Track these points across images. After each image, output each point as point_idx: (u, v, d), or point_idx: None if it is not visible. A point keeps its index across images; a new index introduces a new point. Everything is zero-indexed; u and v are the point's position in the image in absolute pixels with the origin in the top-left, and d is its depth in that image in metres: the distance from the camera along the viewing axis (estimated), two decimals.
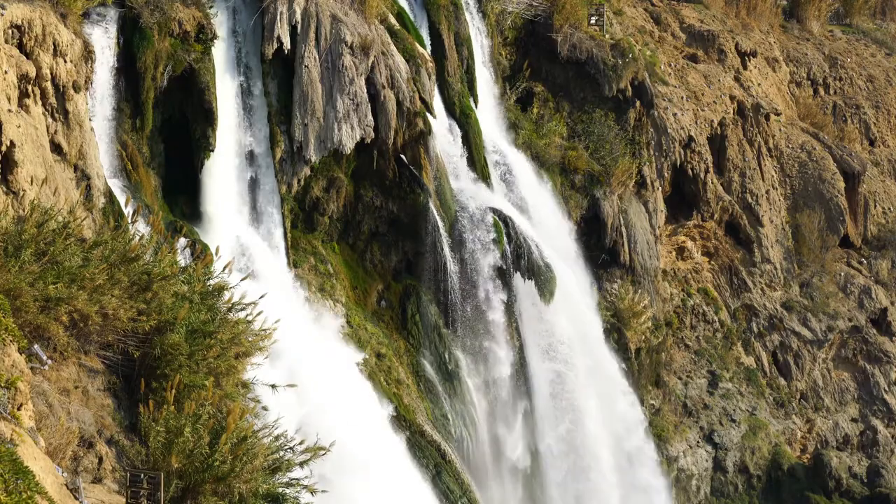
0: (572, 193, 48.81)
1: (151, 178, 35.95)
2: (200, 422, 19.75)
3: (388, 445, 36.71)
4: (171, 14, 35.56)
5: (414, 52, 41.73)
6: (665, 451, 50.84)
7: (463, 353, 42.41)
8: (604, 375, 46.97)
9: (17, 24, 28.69)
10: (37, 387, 19.37)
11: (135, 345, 21.75)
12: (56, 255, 20.69)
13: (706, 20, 61.96)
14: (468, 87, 45.72)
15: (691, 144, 54.40)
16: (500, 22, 49.83)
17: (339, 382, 35.46)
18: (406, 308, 41.81)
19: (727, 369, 54.86)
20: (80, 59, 31.20)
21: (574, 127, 50.59)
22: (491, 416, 43.17)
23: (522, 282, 43.19)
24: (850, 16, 74.24)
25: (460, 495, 39.06)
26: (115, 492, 19.24)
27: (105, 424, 20.53)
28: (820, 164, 60.76)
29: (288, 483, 21.07)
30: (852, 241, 61.30)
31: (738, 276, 57.08)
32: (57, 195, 27.73)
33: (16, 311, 19.20)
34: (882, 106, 68.11)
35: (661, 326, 52.33)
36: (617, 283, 49.64)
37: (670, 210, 54.56)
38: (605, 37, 51.91)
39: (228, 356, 22.12)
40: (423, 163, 41.20)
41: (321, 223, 40.60)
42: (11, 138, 26.60)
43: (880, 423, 57.51)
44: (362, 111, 39.36)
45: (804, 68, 66.85)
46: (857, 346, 58.64)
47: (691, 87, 56.58)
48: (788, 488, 53.62)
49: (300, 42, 38.82)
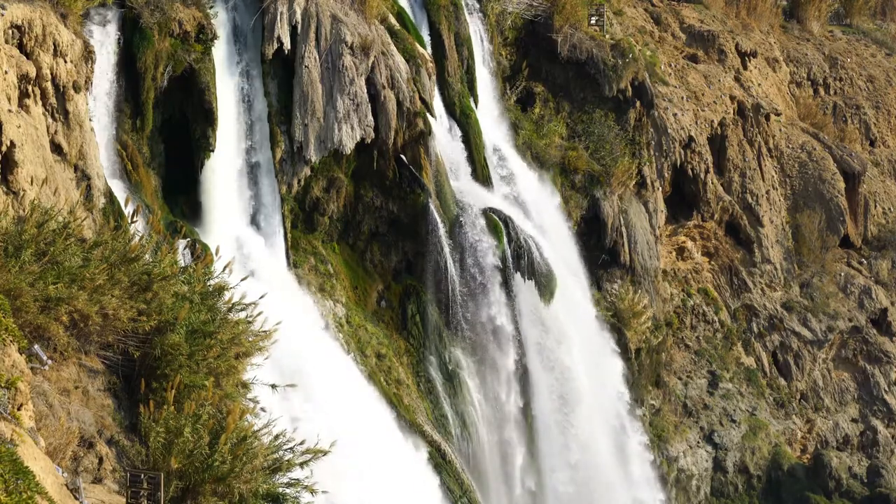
0: (572, 193, 48.82)
1: (151, 178, 35.95)
2: (200, 422, 19.73)
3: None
4: (171, 14, 35.55)
5: (414, 53, 41.73)
6: (665, 452, 50.84)
7: (463, 353, 42.41)
8: (603, 375, 46.99)
9: (17, 25, 28.68)
10: (37, 387, 19.36)
11: (135, 345, 21.74)
12: (56, 255, 20.68)
13: (706, 20, 61.96)
14: (468, 87, 45.72)
15: (691, 144, 54.40)
16: (500, 22, 49.83)
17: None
18: (406, 308, 41.81)
19: (727, 369, 54.86)
20: (80, 59, 31.19)
21: (574, 127, 50.60)
22: (491, 415, 43.15)
23: (522, 282, 43.19)
24: (851, 16, 74.25)
25: (460, 495, 39.06)
26: (115, 492, 19.23)
27: (105, 424, 20.53)
28: (820, 164, 60.76)
29: (288, 483, 21.06)
30: (852, 241, 61.29)
31: (738, 277, 57.08)
32: (57, 195, 27.73)
33: (16, 311, 19.19)
34: (882, 106, 68.11)
35: (661, 326, 52.33)
36: (617, 283, 49.63)
37: (670, 210, 54.56)
38: (605, 37, 51.92)
39: (228, 356, 22.10)
40: (423, 163, 41.20)
41: (321, 223, 40.59)
42: (11, 138, 26.60)
43: (880, 424, 57.51)
44: (362, 111, 39.36)
45: (804, 68, 66.85)
46: (857, 347, 58.64)
47: (691, 87, 56.58)
48: (788, 488, 53.62)
49: (300, 42, 38.82)
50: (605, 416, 46.83)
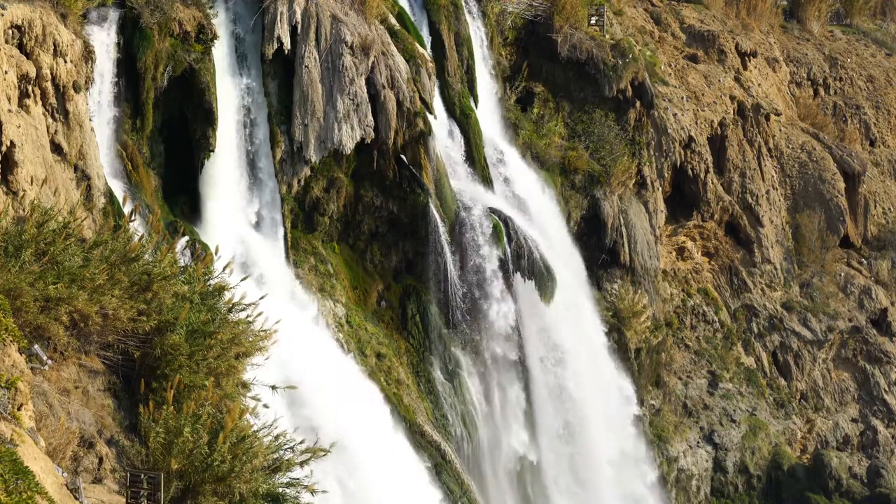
0: (572, 193, 48.82)
1: (151, 178, 35.96)
2: (200, 422, 19.72)
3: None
4: (171, 14, 35.57)
5: (414, 53, 41.73)
6: (665, 452, 50.84)
7: (463, 353, 42.41)
8: (603, 374, 47.01)
9: (17, 25, 28.69)
10: (37, 387, 19.35)
11: (135, 345, 21.72)
12: (56, 255, 20.67)
13: (706, 20, 61.96)
14: (468, 87, 45.72)
15: (691, 144, 54.40)
16: (500, 22, 49.85)
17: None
18: (406, 308, 41.81)
19: (727, 369, 54.86)
20: (80, 59, 31.19)
21: (574, 127, 50.62)
22: (491, 415, 43.16)
23: (522, 282, 43.19)
24: (851, 16, 74.24)
25: (460, 495, 39.06)
26: (115, 492, 19.22)
27: (105, 424, 20.52)
28: (820, 164, 60.76)
29: (288, 483, 21.04)
30: (852, 241, 61.28)
31: (738, 277, 57.08)
32: (57, 195, 27.73)
33: (16, 311, 19.18)
34: (882, 106, 68.10)
35: (661, 326, 52.33)
36: (617, 283, 49.64)
37: (670, 210, 54.56)
38: (605, 37, 51.93)
39: (228, 356, 22.08)
40: (423, 163, 41.20)
41: (321, 223, 40.59)
42: (11, 138, 26.61)
43: (880, 424, 57.50)
44: (362, 111, 39.36)
45: (804, 68, 66.85)
46: (857, 347, 58.64)
47: (691, 87, 56.58)
48: (788, 488, 53.62)
49: (300, 42, 38.82)
50: (607, 414, 46.86)
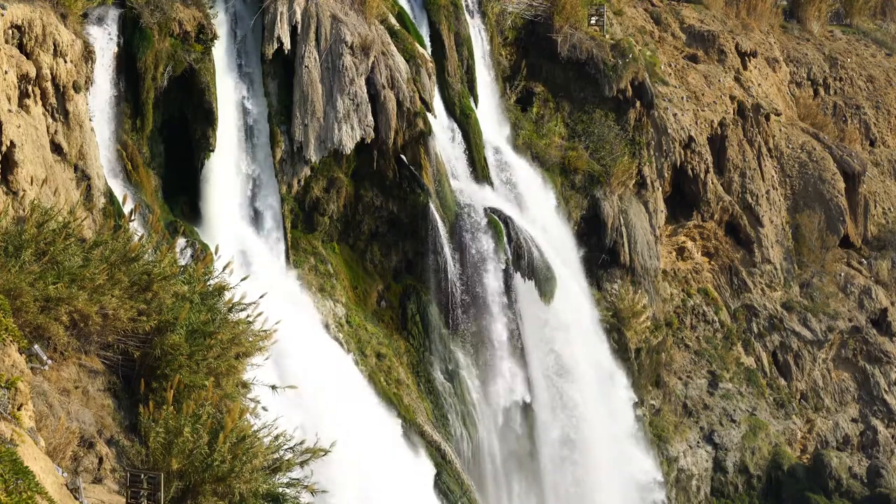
0: (572, 193, 48.82)
1: (151, 178, 35.95)
2: (200, 422, 19.71)
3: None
4: (171, 14, 35.57)
5: (414, 53, 41.72)
6: (665, 452, 50.84)
7: (463, 353, 42.41)
8: (603, 374, 47.00)
9: (17, 25, 28.69)
10: (37, 387, 19.35)
11: (135, 345, 21.72)
12: (56, 255, 20.66)
13: (706, 20, 61.96)
14: (468, 87, 45.71)
15: (691, 144, 54.40)
16: (500, 22, 49.84)
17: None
18: (406, 308, 41.81)
19: (727, 369, 54.86)
20: (80, 59, 31.19)
21: (574, 127, 50.61)
22: (491, 414, 43.15)
23: (522, 282, 43.19)
24: (851, 16, 74.23)
25: (460, 495, 39.06)
26: (115, 492, 19.22)
27: (105, 424, 20.51)
28: (820, 164, 60.76)
29: (288, 483, 21.04)
30: (852, 241, 61.28)
31: (738, 277, 57.07)
32: (57, 195, 27.73)
33: (16, 311, 19.17)
34: (882, 106, 68.09)
35: (661, 326, 52.33)
36: (617, 283, 49.64)
37: (670, 210, 54.55)
38: (605, 37, 51.92)
39: (228, 356, 22.07)
40: (423, 163, 41.20)
41: (321, 223, 40.59)
42: (11, 138, 26.61)
43: (880, 424, 57.50)
44: (362, 111, 39.36)
45: (804, 68, 66.84)
46: (857, 347, 58.63)
47: (691, 87, 56.58)
48: (788, 488, 53.62)
49: (300, 42, 38.82)
50: (608, 412, 46.86)
